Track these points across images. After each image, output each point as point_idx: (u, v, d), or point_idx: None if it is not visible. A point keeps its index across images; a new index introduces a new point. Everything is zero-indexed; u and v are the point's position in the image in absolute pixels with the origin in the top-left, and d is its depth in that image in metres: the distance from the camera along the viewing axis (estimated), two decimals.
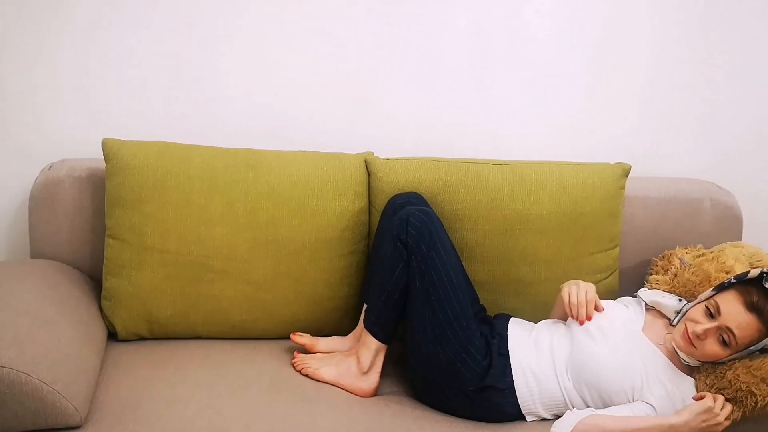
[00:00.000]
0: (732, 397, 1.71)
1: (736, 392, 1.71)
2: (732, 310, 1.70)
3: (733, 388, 1.71)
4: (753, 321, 1.69)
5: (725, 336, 1.70)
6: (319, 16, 2.19)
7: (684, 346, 1.77)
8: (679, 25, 2.31)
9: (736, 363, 1.73)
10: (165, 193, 1.95)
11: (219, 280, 1.99)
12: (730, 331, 1.69)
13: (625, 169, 2.15)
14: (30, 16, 2.07)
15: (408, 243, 1.84)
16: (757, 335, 1.70)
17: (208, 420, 1.70)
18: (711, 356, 1.74)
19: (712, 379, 1.75)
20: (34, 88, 2.12)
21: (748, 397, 1.70)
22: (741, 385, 1.70)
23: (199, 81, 2.19)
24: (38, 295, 1.81)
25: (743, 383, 1.70)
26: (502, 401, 1.84)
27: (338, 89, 2.25)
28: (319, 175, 2.03)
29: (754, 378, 1.70)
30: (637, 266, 2.24)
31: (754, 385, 1.69)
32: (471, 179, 2.07)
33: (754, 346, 1.70)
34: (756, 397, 1.69)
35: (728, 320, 1.70)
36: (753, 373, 1.70)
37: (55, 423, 1.60)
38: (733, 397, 1.71)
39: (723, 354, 1.73)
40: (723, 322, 1.70)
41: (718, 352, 1.72)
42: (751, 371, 1.70)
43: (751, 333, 1.69)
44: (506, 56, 2.29)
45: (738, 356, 1.72)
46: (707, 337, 1.72)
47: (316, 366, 1.93)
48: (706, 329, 1.72)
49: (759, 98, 2.40)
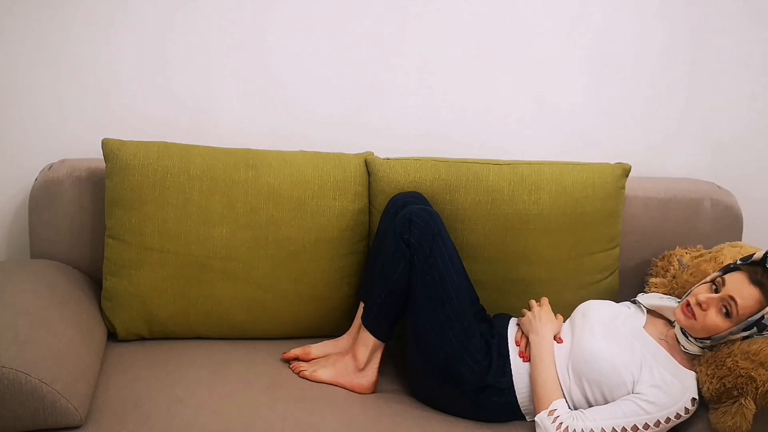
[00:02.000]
0: (733, 384, 1.72)
1: (736, 379, 1.71)
2: (736, 283, 1.75)
3: (733, 374, 1.72)
4: (756, 293, 1.72)
5: (727, 306, 1.73)
6: (319, 16, 2.19)
7: (683, 319, 1.79)
8: (679, 25, 2.31)
9: (735, 350, 1.73)
10: (165, 193, 1.95)
11: (219, 280, 1.99)
12: (733, 300, 1.72)
13: (625, 169, 2.15)
14: (30, 16, 2.07)
15: (411, 242, 1.85)
16: (758, 306, 1.72)
17: (208, 420, 1.70)
18: (712, 328, 1.75)
19: (713, 368, 1.76)
20: (34, 88, 2.12)
21: (748, 383, 1.70)
22: (740, 371, 1.71)
23: (199, 81, 2.19)
24: (38, 295, 1.81)
25: (742, 369, 1.71)
26: (502, 401, 1.84)
27: (338, 89, 2.25)
28: (319, 175, 2.03)
29: (752, 363, 1.70)
30: (637, 266, 2.24)
31: (753, 370, 1.70)
32: (471, 179, 2.07)
33: (752, 318, 1.72)
34: (756, 382, 1.70)
35: (732, 290, 1.73)
36: (752, 359, 1.71)
37: (55, 423, 1.60)
38: (734, 384, 1.72)
39: (723, 326, 1.74)
40: (727, 292, 1.74)
41: (718, 323, 1.74)
42: (750, 357, 1.71)
43: (752, 304, 1.72)
44: (506, 56, 2.29)
45: (737, 329, 1.73)
46: (709, 307, 1.75)
47: (312, 369, 1.93)
48: (709, 298, 1.75)
49: (759, 99, 2.40)
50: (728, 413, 1.73)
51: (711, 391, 1.75)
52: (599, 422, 1.71)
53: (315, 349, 2.00)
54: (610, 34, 2.30)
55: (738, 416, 1.71)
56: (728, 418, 1.72)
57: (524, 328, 1.92)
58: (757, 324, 1.72)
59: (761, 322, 1.72)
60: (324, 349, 2.01)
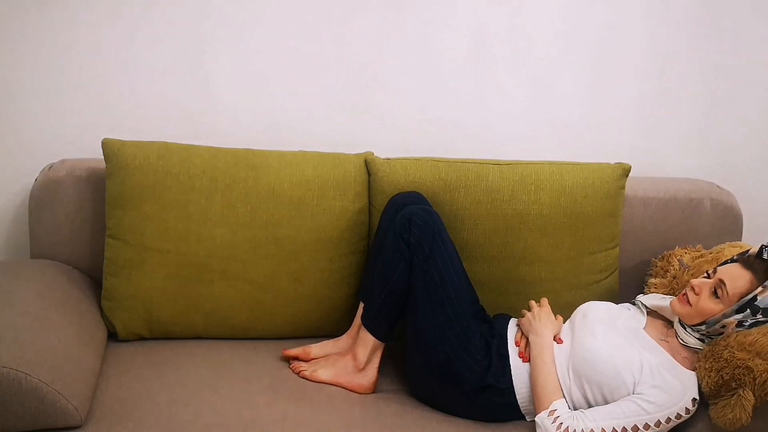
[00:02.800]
0: (731, 376, 1.72)
1: (734, 370, 1.72)
2: (729, 269, 1.78)
3: (730, 366, 1.72)
4: (745, 273, 1.76)
5: (718, 290, 1.76)
6: (320, 16, 2.19)
7: (679, 307, 1.81)
8: (678, 25, 2.31)
9: (731, 342, 1.73)
10: (165, 193, 1.95)
11: (219, 280, 1.99)
12: (722, 283, 1.75)
13: (625, 169, 2.15)
14: (30, 16, 2.07)
15: (411, 242, 1.85)
16: (748, 286, 1.74)
17: (208, 420, 1.70)
18: (706, 311, 1.77)
19: (711, 362, 1.76)
20: (34, 88, 2.12)
21: (746, 374, 1.70)
22: (737, 362, 1.71)
23: (199, 81, 2.19)
24: (38, 295, 1.81)
25: (739, 360, 1.71)
26: (502, 401, 1.84)
27: (338, 89, 2.25)
28: (319, 175, 2.03)
29: (749, 354, 1.71)
30: (637, 266, 2.24)
31: (750, 360, 1.70)
32: (471, 179, 2.07)
33: (744, 298, 1.73)
34: (753, 372, 1.70)
35: (722, 274, 1.77)
36: (747, 349, 1.71)
37: (55, 423, 1.60)
38: (732, 376, 1.72)
39: (716, 308, 1.76)
40: (718, 276, 1.77)
41: (711, 306, 1.76)
42: (746, 347, 1.71)
43: (742, 284, 1.74)
44: (506, 56, 2.29)
45: (729, 311, 1.74)
46: (701, 291, 1.78)
47: (312, 369, 1.93)
48: (702, 282, 1.79)
49: (759, 98, 2.41)
50: (728, 406, 1.73)
51: (710, 384, 1.75)
52: (599, 422, 1.71)
53: (315, 349, 2.00)
54: (611, 34, 2.30)
55: (737, 408, 1.71)
56: (728, 411, 1.72)
57: (524, 328, 1.92)
58: (750, 306, 1.72)
59: (754, 303, 1.72)
60: (324, 349, 2.01)
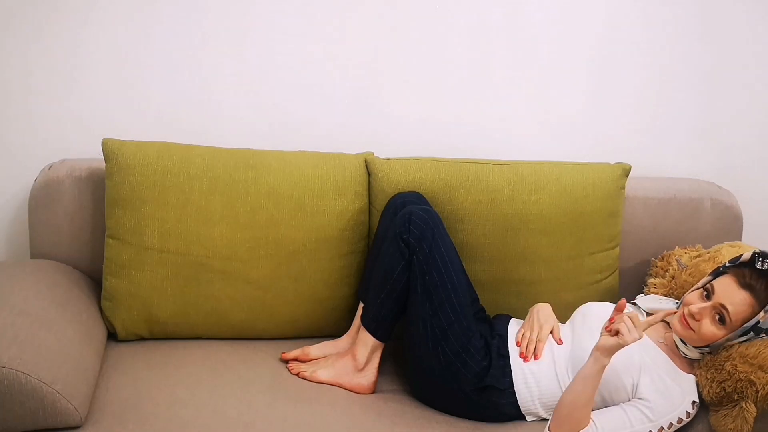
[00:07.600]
0: (733, 388, 1.72)
1: (736, 383, 1.71)
2: (726, 288, 1.74)
3: (732, 378, 1.72)
4: (746, 297, 1.71)
5: (720, 314, 1.73)
6: (320, 16, 2.19)
7: (681, 330, 1.78)
8: (678, 25, 2.31)
9: (733, 353, 1.73)
10: (165, 193, 1.95)
11: (219, 280, 1.99)
12: (725, 308, 1.72)
13: (625, 169, 2.15)
14: (29, 15, 2.07)
15: (410, 242, 1.85)
16: (750, 311, 1.71)
17: (208, 420, 1.70)
18: (709, 337, 1.75)
19: (712, 373, 1.76)
20: (34, 88, 2.12)
21: (748, 386, 1.70)
22: (740, 375, 1.71)
23: (199, 81, 2.18)
24: (38, 295, 1.81)
25: (741, 373, 1.71)
26: (502, 401, 1.84)
27: (338, 89, 2.25)
28: (319, 175, 2.03)
29: (751, 366, 1.70)
30: (637, 266, 2.24)
31: (753, 374, 1.70)
32: (471, 179, 2.07)
33: (748, 323, 1.71)
34: (756, 385, 1.70)
35: (722, 297, 1.73)
36: (750, 362, 1.71)
37: (55, 423, 1.60)
38: (734, 388, 1.72)
39: (719, 333, 1.74)
40: (717, 299, 1.73)
41: (714, 332, 1.74)
42: (748, 360, 1.71)
43: (744, 309, 1.71)
44: (506, 56, 2.29)
45: (733, 335, 1.73)
46: (702, 317, 1.74)
47: (312, 369, 1.93)
48: (701, 308, 1.74)
49: (759, 99, 2.40)
50: (729, 416, 1.73)
51: (711, 395, 1.75)
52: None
53: (314, 350, 2.00)
54: (612, 34, 2.30)
55: (739, 419, 1.71)
56: (729, 421, 1.72)
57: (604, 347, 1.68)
58: (754, 329, 1.72)
59: (757, 326, 1.71)
60: (323, 349, 2.00)
